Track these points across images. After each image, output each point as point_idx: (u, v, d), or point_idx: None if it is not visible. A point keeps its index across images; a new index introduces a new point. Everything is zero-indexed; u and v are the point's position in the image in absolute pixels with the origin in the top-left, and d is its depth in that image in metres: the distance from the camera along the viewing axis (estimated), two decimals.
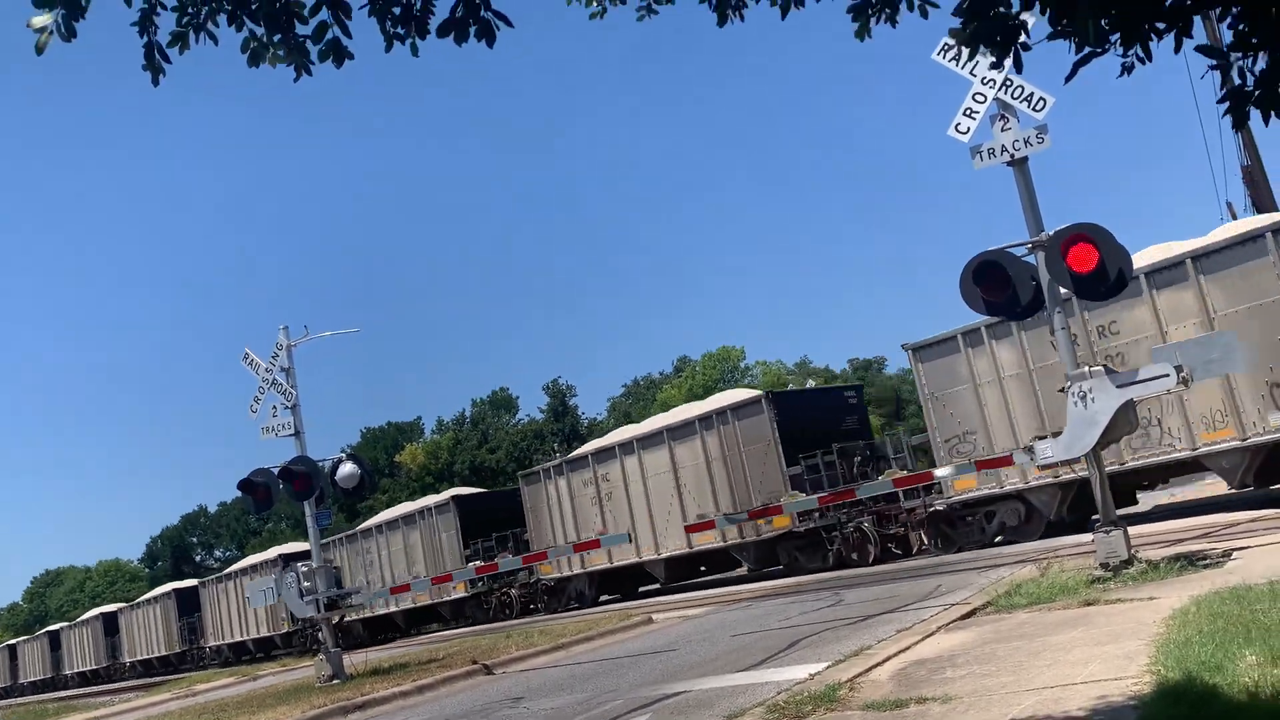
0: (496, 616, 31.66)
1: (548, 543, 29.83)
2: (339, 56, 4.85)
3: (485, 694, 13.40)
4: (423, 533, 34.63)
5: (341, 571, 37.29)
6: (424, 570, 33.89)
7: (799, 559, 24.51)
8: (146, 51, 4.83)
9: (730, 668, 11.23)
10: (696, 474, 26.24)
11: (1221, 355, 11.61)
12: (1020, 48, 4.66)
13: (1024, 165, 12.42)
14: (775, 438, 24.45)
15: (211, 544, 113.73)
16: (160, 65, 4.87)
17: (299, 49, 4.85)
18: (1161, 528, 16.65)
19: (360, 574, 36.83)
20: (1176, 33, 4.40)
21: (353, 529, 39.98)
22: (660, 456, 27.11)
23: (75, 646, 58.06)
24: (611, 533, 27.99)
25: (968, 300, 12.35)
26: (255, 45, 4.85)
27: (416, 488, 78.88)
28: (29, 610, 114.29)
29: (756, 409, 25.10)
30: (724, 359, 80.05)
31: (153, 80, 4.90)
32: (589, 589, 29.52)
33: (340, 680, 17.55)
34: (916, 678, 7.97)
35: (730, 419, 25.56)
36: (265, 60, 4.86)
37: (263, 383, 19.43)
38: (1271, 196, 23.60)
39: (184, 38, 4.83)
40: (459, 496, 35.12)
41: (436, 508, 34.57)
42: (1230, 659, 6.07)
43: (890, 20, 5.44)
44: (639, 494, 27.52)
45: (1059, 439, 12.29)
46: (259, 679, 25.94)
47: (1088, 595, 10.34)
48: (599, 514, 28.66)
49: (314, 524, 19.48)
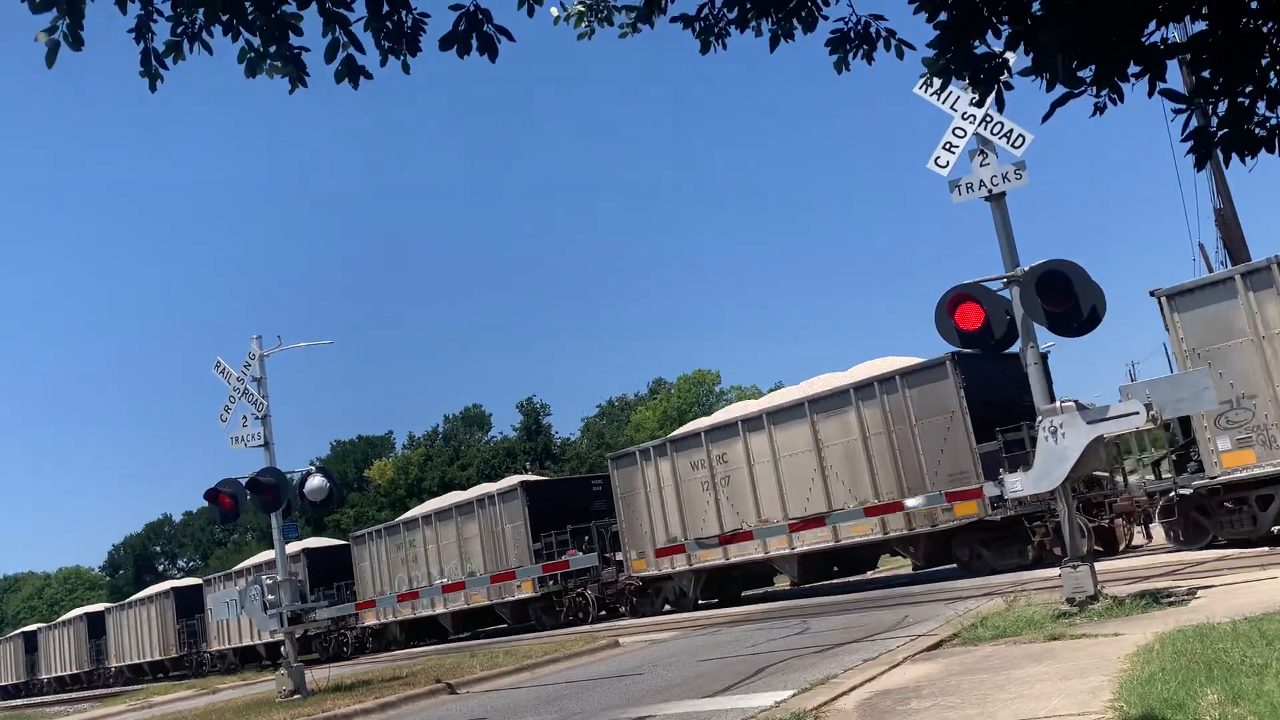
0: (570, 621, 28.55)
1: (644, 534, 26.46)
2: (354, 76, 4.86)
3: (448, 713, 13.27)
4: (481, 524, 31.19)
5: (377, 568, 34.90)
6: (482, 567, 30.53)
7: (983, 555, 21.11)
8: (143, 58, 4.85)
9: (696, 693, 11.17)
10: (848, 452, 22.78)
11: (1191, 395, 11.75)
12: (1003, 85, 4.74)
13: (1002, 200, 12.57)
14: (963, 408, 21.00)
15: (175, 554, 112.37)
16: (157, 72, 4.89)
17: (294, 60, 4.85)
18: (1128, 564, 16.77)
19: (401, 570, 33.78)
20: (1151, 77, 4.48)
21: (394, 520, 37.24)
22: (799, 433, 23.61)
23: (54, 649, 54.83)
24: (729, 523, 24.51)
25: (942, 331, 12.45)
26: (252, 56, 4.85)
27: (385, 503, 78.40)
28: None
29: (938, 373, 21.44)
30: (699, 382, 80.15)
31: (150, 86, 4.93)
32: (692, 589, 26.13)
33: (301, 696, 17.33)
34: (882, 708, 7.95)
35: (899, 386, 21.99)
36: (263, 71, 4.86)
37: (234, 392, 19.28)
38: (1243, 239, 23.96)
39: (178, 47, 4.85)
40: (527, 483, 31.47)
41: (501, 495, 31.04)
42: (1192, 697, 6.10)
43: (866, 58, 5.55)
44: (768, 477, 24.10)
45: (1029, 473, 12.38)
46: (219, 692, 25.59)
47: (1053, 630, 10.38)
48: (712, 501, 25.16)
49: (280, 536, 19.30)
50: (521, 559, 29.32)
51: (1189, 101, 4.56)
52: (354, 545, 36.70)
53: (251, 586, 19.11)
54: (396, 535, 34.93)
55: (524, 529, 29.79)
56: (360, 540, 36.57)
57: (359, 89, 4.93)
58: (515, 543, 30.11)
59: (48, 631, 57.42)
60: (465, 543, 31.82)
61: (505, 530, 30.43)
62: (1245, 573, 13.19)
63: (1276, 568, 13.15)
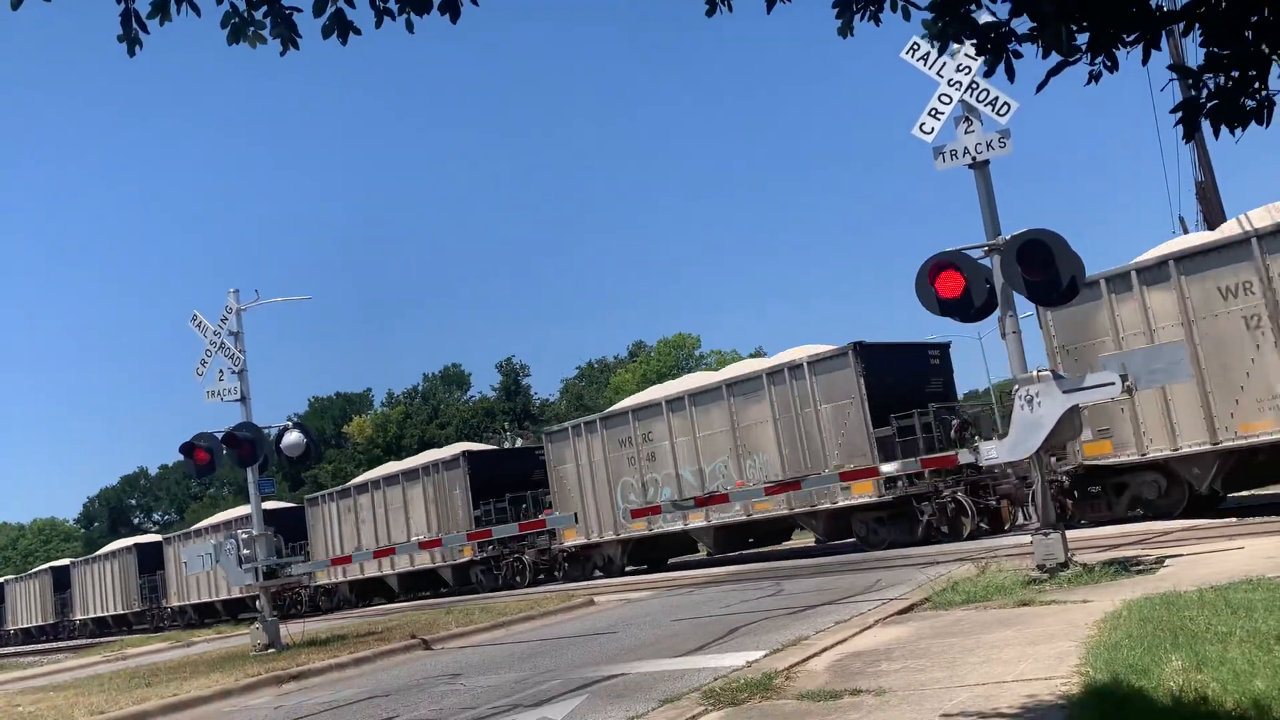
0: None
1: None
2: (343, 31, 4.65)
3: (422, 669, 13.34)
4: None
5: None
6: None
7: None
8: (123, 19, 4.58)
9: (669, 652, 11.27)
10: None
11: (1167, 365, 11.84)
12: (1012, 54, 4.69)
13: (985, 168, 12.56)
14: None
15: (150, 507, 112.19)
16: (137, 35, 4.62)
17: (286, 22, 4.64)
18: (1099, 533, 16.97)
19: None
20: (1146, 44, 4.45)
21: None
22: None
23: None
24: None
25: (922, 299, 12.46)
26: (236, 21, 4.61)
27: (363, 460, 78.33)
28: None
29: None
30: (679, 346, 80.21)
31: (129, 50, 4.66)
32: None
33: (276, 650, 17.37)
34: (852, 670, 8.05)
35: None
36: (245, 39, 4.62)
37: (210, 345, 19.11)
38: (1223, 212, 24.06)
39: (164, 8, 4.57)
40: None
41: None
42: (1156, 663, 6.20)
43: (874, 18, 5.44)
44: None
45: (1004, 440, 12.48)
46: (193, 645, 25.63)
47: (1023, 596, 10.50)
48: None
49: (255, 491, 19.25)
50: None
51: (1195, 76, 4.52)
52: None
53: (227, 541, 19.08)
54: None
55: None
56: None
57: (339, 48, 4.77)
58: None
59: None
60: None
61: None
62: (1213, 542, 13.38)
63: (1243, 538, 13.34)
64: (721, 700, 7.42)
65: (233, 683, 13.49)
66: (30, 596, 55.32)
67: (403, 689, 11.66)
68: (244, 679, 13.70)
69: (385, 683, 12.50)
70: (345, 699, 11.54)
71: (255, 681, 13.61)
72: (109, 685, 15.53)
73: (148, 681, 15.03)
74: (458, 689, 10.98)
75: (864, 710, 6.60)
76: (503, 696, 9.95)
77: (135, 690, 14.01)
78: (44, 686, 18.06)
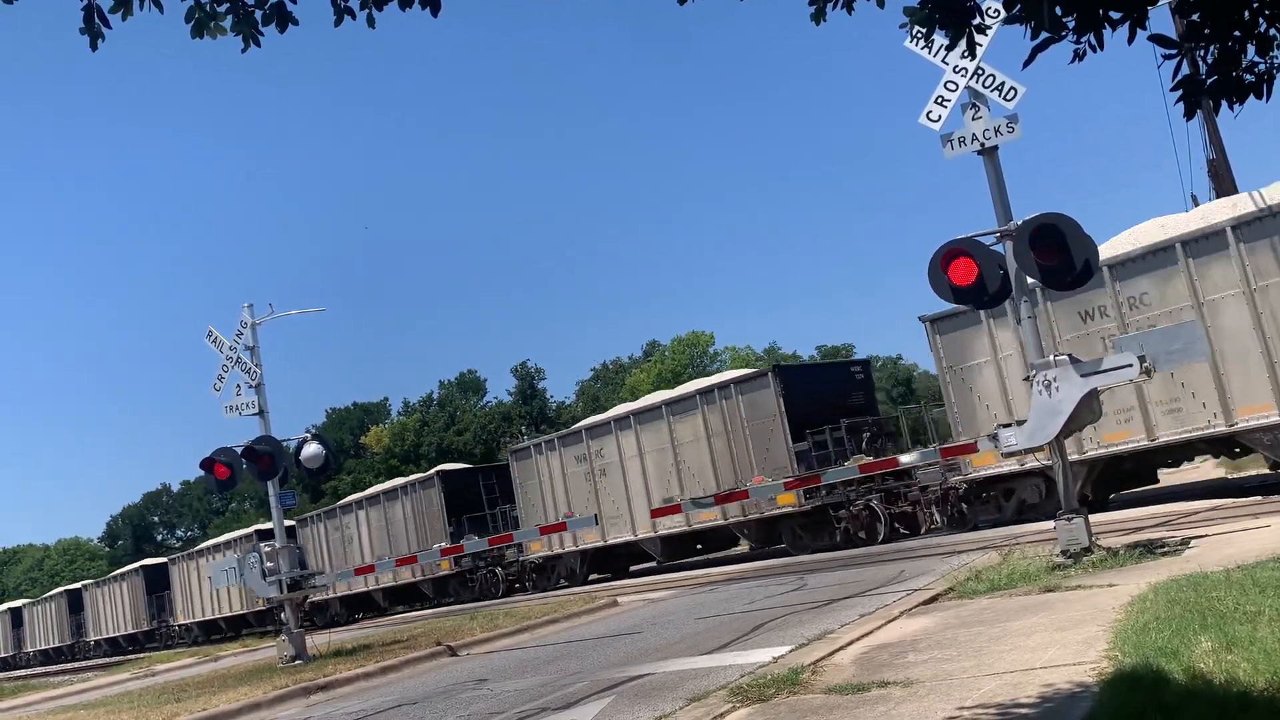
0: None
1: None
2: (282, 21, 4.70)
3: (449, 675, 13.37)
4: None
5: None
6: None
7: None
8: (85, 15, 4.57)
9: (694, 651, 11.26)
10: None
11: (1184, 346, 11.74)
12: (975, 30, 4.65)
13: (994, 154, 12.49)
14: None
15: (174, 523, 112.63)
16: (100, 30, 4.60)
17: (246, 19, 4.68)
18: (1121, 516, 16.88)
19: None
20: (1131, 23, 4.41)
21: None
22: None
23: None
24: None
25: (935, 287, 12.40)
26: (200, 16, 4.62)
27: (382, 469, 78.50)
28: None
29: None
30: (693, 344, 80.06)
31: (91, 44, 4.65)
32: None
33: (303, 661, 17.44)
34: (879, 661, 8.02)
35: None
36: (208, 32, 4.65)
37: (226, 360, 19.20)
38: (1235, 190, 23.87)
39: (127, 2, 4.57)
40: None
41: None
42: (1186, 645, 6.15)
43: (846, 7, 5.39)
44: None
45: (1023, 427, 12.40)
46: (220, 659, 25.74)
47: (1048, 582, 10.45)
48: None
49: (277, 504, 19.31)
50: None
51: (1178, 47, 4.49)
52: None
53: (250, 554, 19.15)
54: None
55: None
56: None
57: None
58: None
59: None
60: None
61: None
62: (1237, 522, 13.28)
63: (1268, 516, 13.24)
64: (749, 697, 7.41)
65: (261, 695, 13.55)
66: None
67: (431, 696, 11.69)
68: (272, 691, 13.76)
69: (413, 690, 12.53)
70: (374, 708, 11.58)
71: (283, 694, 13.67)
72: (139, 702, 15.61)
73: (177, 697, 15.10)
74: (485, 694, 11.00)
75: (892, 702, 6.58)
76: (530, 700, 9.96)
77: (165, 706, 14.08)
78: (74, 705, 18.19)
